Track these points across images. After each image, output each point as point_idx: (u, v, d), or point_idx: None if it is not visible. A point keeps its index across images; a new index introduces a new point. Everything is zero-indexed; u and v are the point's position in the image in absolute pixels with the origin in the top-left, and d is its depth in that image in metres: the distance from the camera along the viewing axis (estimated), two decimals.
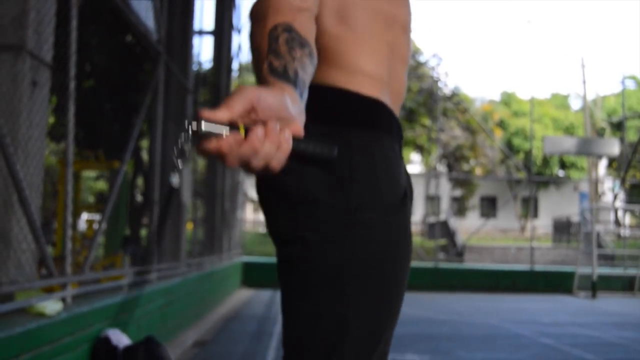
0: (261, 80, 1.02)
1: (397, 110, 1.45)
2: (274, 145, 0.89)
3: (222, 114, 0.88)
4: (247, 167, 0.90)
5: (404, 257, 1.33)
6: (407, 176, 1.42)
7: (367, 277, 1.26)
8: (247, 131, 0.89)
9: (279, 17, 1.10)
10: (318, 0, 1.25)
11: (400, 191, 1.33)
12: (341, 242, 1.25)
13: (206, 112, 0.88)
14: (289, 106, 0.93)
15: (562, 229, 28.76)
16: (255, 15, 1.14)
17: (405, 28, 1.48)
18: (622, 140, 21.47)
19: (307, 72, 1.06)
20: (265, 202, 1.36)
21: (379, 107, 1.36)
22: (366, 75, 1.35)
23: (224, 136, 0.88)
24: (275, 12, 1.11)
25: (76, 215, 9.40)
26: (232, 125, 0.89)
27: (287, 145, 0.90)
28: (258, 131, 0.88)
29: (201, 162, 11.48)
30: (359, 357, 1.26)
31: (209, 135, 0.88)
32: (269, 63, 1.02)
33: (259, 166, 0.89)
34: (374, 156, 1.30)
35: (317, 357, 1.25)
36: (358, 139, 1.30)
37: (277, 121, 0.90)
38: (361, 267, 1.26)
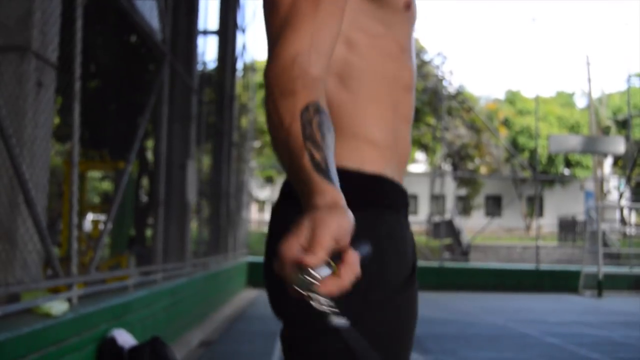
0: (297, 168, 0.99)
1: (402, 175, 1.40)
2: (353, 273, 0.88)
3: (321, 255, 0.85)
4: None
5: (411, 332, 1.31)
6: (413, 245, 1.38)
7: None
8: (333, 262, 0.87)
9: (308, 94, 1.05)
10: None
11: (409, 266, 1.30)
12: (350, 325, 1.22)
13: (324, 287, 0.86)
14: (351, 218, 0.91)
15: (568, 227, 28.71)
16: (278, 86, 1.08)
17: (410, 88, 1.41)
18: (627, 138, 21.39)
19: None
20: (271, 282, 1.32)
21: (382, 183, 1.31)
22: (370, 143, 1.30)
23: (322, 279, 0.85)
24: (304, 88, 1.06)
25: (82, 215, 9.41)
26: (328, 265, 0.86)
27: (358, 269, 0.88)
28: (349, 269, 0.87)
29: (206, 162, 11.49)
30: None
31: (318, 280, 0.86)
32: (310, 155, 0.98)
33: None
34: (380, 236, 1.26)
35: None
36: (362, 220, 1.22)
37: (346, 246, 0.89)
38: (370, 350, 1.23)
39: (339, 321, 0.87)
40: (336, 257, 0.87)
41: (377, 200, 1.30)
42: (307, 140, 0.99)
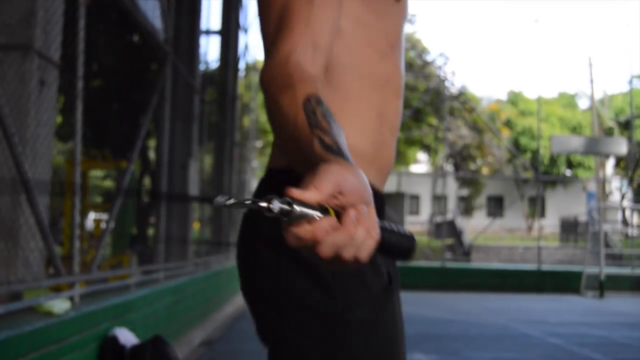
0: (308, 158, 0.93)
1: (382, 183, 1.33)
2: (366, 232, 0.80)
3: (311, 194, 0.79)
4: (337, 258, 0.80)
5: (399, 343, 1.25)
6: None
7: None
8: (337, 215, 0.80)
9: (307, 86, 1.02)
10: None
11: (384, 276, 1.24)
12: (333, 347, 1.16)
13: (296, 192, 0.78)
14: (369, 187, 0.85)
15: (570, 228, 28.70)
16: (275, 83, 1.05)
17: (398, 92, 1.33)
18: (629, 139, 21.37)
19: None
20: (252, 306, 1.28)
21: None
22: (351, 151, 1.19)
23: (317, 220, 0.78)
24: (301, 81, 1.03)
25: (84, 214, 9.41)
26: (322, 209, 0.79)
27: (377, 232, 0.82)
28: (352, 215, 0.79)
29: (208, 161, 11.50)
30: None
31: (300, 217, 0.78)
32: (319, 139, 0.93)
33: (350, 256, 0.80)
34: None
35: None
36: None
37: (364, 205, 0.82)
38: None
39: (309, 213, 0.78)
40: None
41: None
42: (314, 128, 0.95)
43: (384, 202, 1.33)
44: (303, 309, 1.17)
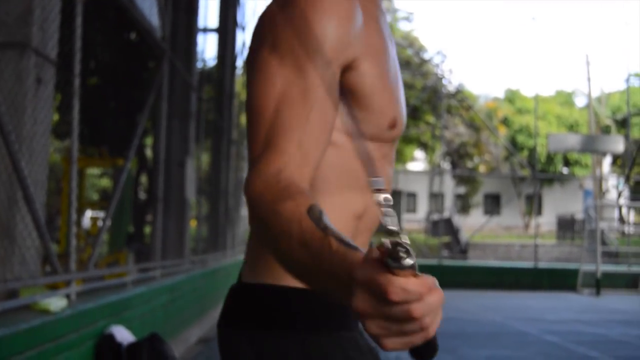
0: (324, 257, 0.85)
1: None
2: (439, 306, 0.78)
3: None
4: (422, 329, 0.77)
5: None
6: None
7: None
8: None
9: (307, 198, 0.95)
10: None
11: None
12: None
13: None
14: None
15: (566, 226, 28.72)
16: (269, 195, 0.98)
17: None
18: (626, 137, 21.40)
19: None
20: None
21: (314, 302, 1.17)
22: None
23: (422, 275, 0.76)
24: (299, 193, 0.97)
25: (80, 212, 9.41)
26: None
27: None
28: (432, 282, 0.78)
29: (205, 159, 11.49)
30: None
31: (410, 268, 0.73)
32: (337, 238, 0.85)
33: (432, 324, 0.78)
34: None
35: None
36: (318, 349, 1.17)
37: None
38: None
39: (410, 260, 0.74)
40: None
41: (336, 324, 1.20)
42: (326, 230, 0.87)
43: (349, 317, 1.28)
44: None
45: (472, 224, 29.90)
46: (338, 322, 1.20)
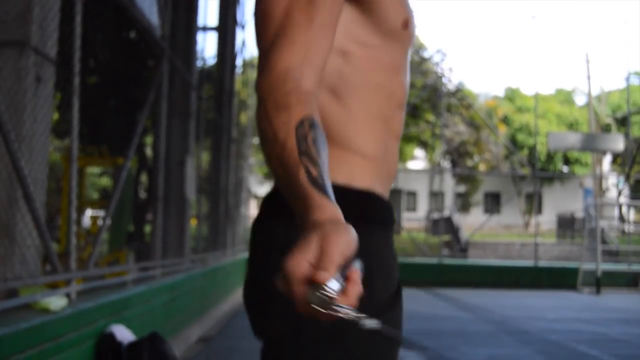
0: (292, 183, 0.97)
1: (388, 190, 1.39)
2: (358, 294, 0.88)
3: (333, 271, 0.85)
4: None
5: (396, 349, 1.28)
6: (397, 262, 1.35)
7: None
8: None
9: (303, 108, 1.04)
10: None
11: (394, 285, 1.28)
12: (333, 344, 1.18)
13: (346, 299, 0.86)
14: (354, 243, 0.90)
15: (566, 224, 28.71)
16: (271, 100, 1.06)
17: (402, 104, 1.39)
18: (626, 135, 21.39)
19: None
20: (253, 301, 1.32)
21: (372, 199, 1.28)
22: (361, 157, 1.28)
23: (338, 292, 0.86)
24: (298, 102, 1.04)
25: (80, 211, 9.41)
26: (337, 280, 0.86)
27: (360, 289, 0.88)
28: (355, 285, 0.87)
29: (205, 158, 11.48)
30: None
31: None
32: (306, 170, 0.97)
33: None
34: (369, 255, 1.19)
35: None
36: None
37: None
38: None
39: (372, 323, 0.87)
40: (341, 273, 0.87)
41: (367, 217, 1.26)
42: (302, 156, 0.98)
43: (392, 210, 1.36)
44: None
45: (472, 222, 29.91)
46: (377, 220, 1.29)
